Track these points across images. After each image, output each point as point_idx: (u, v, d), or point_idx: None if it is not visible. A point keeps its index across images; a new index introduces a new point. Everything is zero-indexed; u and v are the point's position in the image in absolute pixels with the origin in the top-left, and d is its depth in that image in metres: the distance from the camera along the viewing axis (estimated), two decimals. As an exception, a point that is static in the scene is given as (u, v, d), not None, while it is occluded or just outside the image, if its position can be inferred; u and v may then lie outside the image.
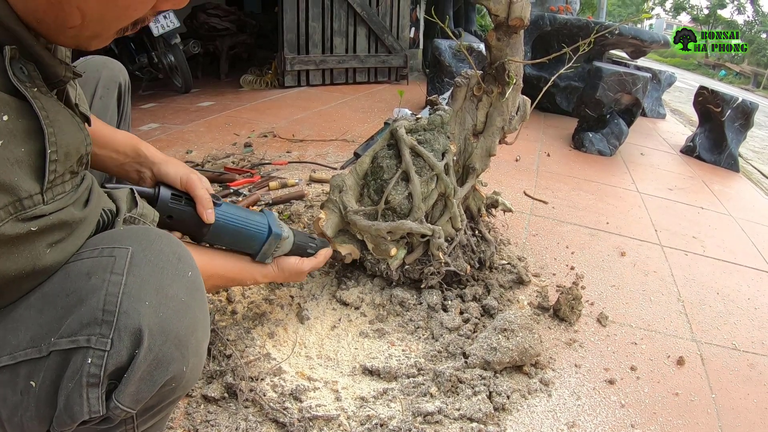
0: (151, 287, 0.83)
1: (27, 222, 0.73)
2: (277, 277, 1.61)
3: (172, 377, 0.86)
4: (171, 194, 1.32)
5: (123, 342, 0.78)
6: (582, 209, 3.51)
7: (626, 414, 1.74)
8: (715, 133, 5.79)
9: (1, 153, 0.70)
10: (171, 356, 0.84)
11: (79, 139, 0.86)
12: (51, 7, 0.75)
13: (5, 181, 0.70)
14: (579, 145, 5.15)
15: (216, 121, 4.72)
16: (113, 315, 0.78)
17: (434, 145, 2.05)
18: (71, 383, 0.78)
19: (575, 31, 6.08)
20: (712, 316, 2.45)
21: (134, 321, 0.79)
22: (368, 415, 1.55)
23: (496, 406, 1.63)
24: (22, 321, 0.81)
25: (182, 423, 1.48)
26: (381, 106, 5.87)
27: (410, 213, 1.99)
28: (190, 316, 0.88)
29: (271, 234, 1.51)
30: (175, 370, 0.85)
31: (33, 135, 0.75)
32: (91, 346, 0.77)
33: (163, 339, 0.82)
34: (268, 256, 1.56)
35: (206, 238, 1.40)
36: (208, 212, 1.32)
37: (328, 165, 3.61)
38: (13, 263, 0.75)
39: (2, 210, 0.70)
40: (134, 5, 0.80)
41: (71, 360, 0.78)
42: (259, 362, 1.71)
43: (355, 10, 6.85)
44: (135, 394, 0.82)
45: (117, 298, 0.79)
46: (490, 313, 2.06)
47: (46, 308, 0.81)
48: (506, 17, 1.93)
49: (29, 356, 0.79)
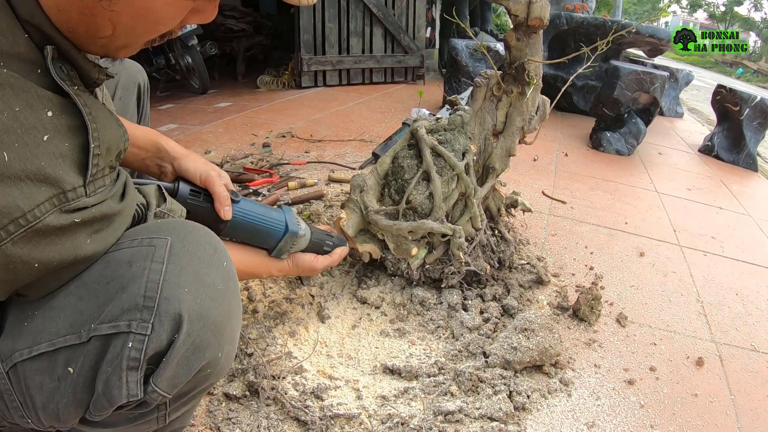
0: (190, 275, 0.86)
1: (70, 213, 0.76)
2: (292, 271, 1.64)
3: (208, 362, 0.88)
4: (190, 190, 1.35)
5: (163, 326, 0.81)
6: (601, 209, 3.50)
7: (646, 414, 1.73)
8: (733, 132, 5.73)
9: (46, 147, 0.72)
10: (208, 342, 0.86)
11: (118, 135, 0.89)
12: (83, 18, 0.77)
13: (50, 174, 0.72)
14: (597, 145, 5.13)
15: (234, 121, 4.75)
16: (154, 301, 0.81)
17: (455, 145, 2.06)
18: (110, 367, 0.80)
19: (592, 30, 6.06)
20: (731, 317, 2.43)
21: (174, 306, 0.82)
22: (389, 414, 1.56)
23: (517, 406, 1.64)
24: (62, 309, 0.83)
25: (204, 421, 1.50)
26: (398, 106, 5.87)
27: (431, 213, 2.00)
28: (226, 303, 0.91)
29: (288, 232, 1.52)
30: (211, 355, 0.88)
31: (76, 131, 0.78)
32: (132, 330, 0.80)
33: (201, 324, 0.85)
34: (284, 252, 1.58)
35: (223, 234, 1.41)
36: (225, 209, 1.35)
37: (347, 165, 3.62)
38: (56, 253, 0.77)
39: (47, 202, 0.72)
40: (164, 21, 0.83)
41: (111, 345, 0.81)
42: (281, 361, 1.73)
43: (372, 10, 6.86)
44: (172, 379, 0.85)
45: (158, 285, 0.82)
46: (510, 313, 2.06)
47: (86, 296, 0.83)
48: (525, 17, 1.94)
49: (69, 342, 0.81)
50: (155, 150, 1.42)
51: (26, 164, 0.70)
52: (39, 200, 0.71)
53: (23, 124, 0.70)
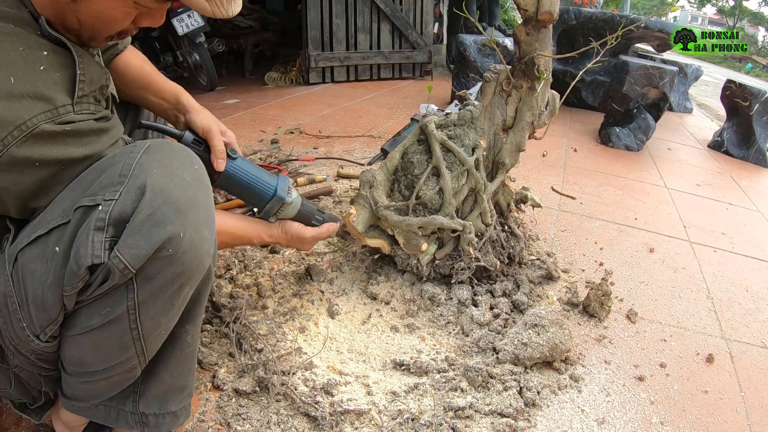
0: (161, 164, 1.00)
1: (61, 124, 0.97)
2: (281, 239, 1.73)
3: (169, 239, 0.95)
4: (193, 139, 1.51)
5: (129, 195, 0.94)
6: (610, 205, 3.49)
7: (656, 411, 1.73)
8: (743, 127, 5.70)
9: (43, 75, 0.96)
10: (168, 217, 0.95)
11: (100, 73, 1.10)
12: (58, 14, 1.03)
13: (45, 94, 0.95)
14: (606, 140, 5.11)
15: (242, 118, 4.75)
16: (126, 177, 0.96)
17: (464, 140, 2.05)
18: (83, 233, 0.94)
19: (600, 25, 6.03)
20: (741, 313, 2.42)
21: (141, 180, 0.95)
22: (399, 410, 1.56)
23: (527, 402, 1.64)
24: (60, 200, 1.01)
25: (214, 416, 1.51)
26: (406, 101, 5.87)
27: (441, 208, 2.00)
28: (191, 193, 1.01)
29: (275, 196, 1.64)
30: (171, 231, 0.95)
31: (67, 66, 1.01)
32: (105, 198, 0.94)
33: (163, 200, 0.95)
34: (270, 215, 1.69)
35: (217, 184, 1.55)
36: (218, 161, 1.50)
37: (356, 161, 3.62)
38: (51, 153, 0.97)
39: (42, 114, 0.94)
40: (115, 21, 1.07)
41: (88, 217, 0.95)
42: (291, 356, 1.73)
43: (379, 6, 6.85)
44: (133, 247, 0.93)
45: (131, 166, 0.97)
46: (520, 309, 2.06)
47: (78, 186, 1.01)
48: (535, 11, 1.93)
49: (59, 222, 0.97)
50: (175, 102, 1.61)
51: (27, 86, 0.93)
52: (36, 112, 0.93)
53: (25, 59, 0.95)
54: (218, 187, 1.58)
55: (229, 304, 1.90)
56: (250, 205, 1.69)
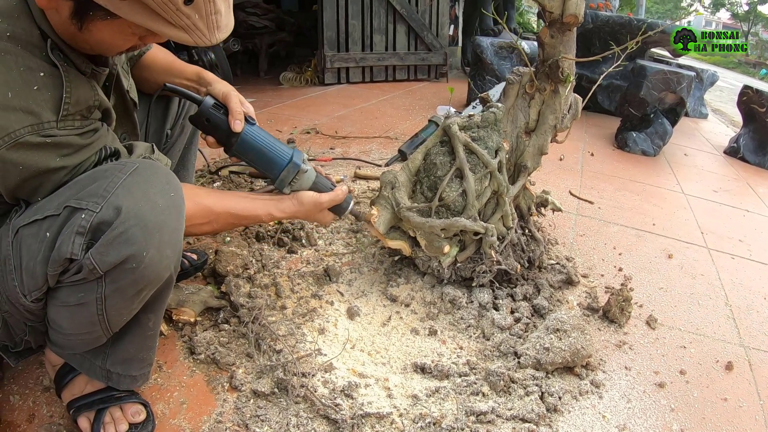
0: (140, 189, 1.16)
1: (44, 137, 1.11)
2: (297, 211, 1.73)
3: (133, 255, 1.12)
4: (213, 103, 1.61)
5: (108, 210, 1.10)
6: (628, 210, 3.47)
7: (676, 418, 1.72)
8: (759, 134, 5.65)
9: (35, 94, 1.10)
10: (135, 237, 1.12)
11: (89, 95, 1.22)
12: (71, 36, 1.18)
13: (35, 110, 1.10)
14: (622, 145, 5.08)
15: (258, 117, 4.66)
16: (108, 194, 1.12)
17: (488, 142, 2.04)
18: (67, 231, 1.11)
19: (617, 29, 6.00)
20: (760, 321, 2.40)
21: (120, 201, 1.11)
22: (421, 413, 1.55)
23: (549, 407, 1.63)
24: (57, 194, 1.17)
25: (232, 417, 1.50)
26: (422, 103, 5.86)
27: (464, 210, 1.99)
28: (162, 218, 1.16)
29: (290, 163, 1.67)
30: (135, 249, 1.12)
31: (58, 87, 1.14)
32: (88, 208, 1.11)
33: (134, 222, 1.11)
34: (285, 185, 1.70)
35: (234, 149, 1.64)
36: (236, 122, 1.60)
37: (373, 162, 3.62)
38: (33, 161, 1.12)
39: (29, 126, 1.09)
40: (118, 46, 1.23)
41: (73, 216, 1.11)
42: (310, 358, 1.73)
43: (395, 7, 6.85)
44: (103, 255, 1.10)
45: (115, 185, 1.13)
46: (541, 313, 2.05)
47: (74, 186, 1.17)
48: (560, 14, 1.93)
49: (52, 213, 1.13)
50: (197, 79, 1.76)
51: (21, 102, 1.08)
52: (25, 124, 1.08)
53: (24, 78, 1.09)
54: (234, 154, 1.66)
55: (247, 304, 1.89)
56: (264, 172, 1.70)
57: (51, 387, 1.55)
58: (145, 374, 1.46)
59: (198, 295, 1.89)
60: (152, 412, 1.49)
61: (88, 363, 1.39)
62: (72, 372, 1.48)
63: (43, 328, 1.34)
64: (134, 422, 1.44)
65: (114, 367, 1.39)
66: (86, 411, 1.44)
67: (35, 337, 1.38)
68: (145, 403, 1.49)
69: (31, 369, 1.64)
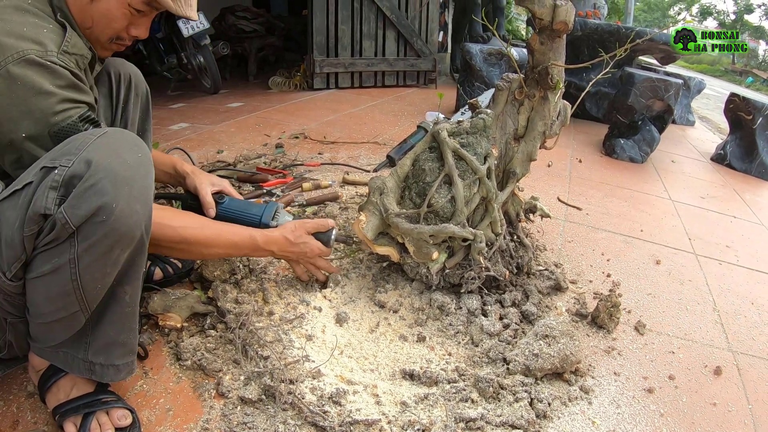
0: (110, 148, 1.24)
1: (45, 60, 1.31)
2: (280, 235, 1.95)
3: (102, 206, 1.17)
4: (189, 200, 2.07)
5: (80, 165, 1.18)
6: (616, 216, 3.48)
7: (665, 423, 1.72)
8: (746, 141, 5.69)
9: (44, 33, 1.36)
10: (105, 189, 1.17)
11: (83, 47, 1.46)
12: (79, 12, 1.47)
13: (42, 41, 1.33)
14: (610, 152, 5.10)
15: (246, 121, 4.75)
16: (80, 151, 1.20)
17: (477, 148, 2.04)
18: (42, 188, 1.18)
19: (606, 37, 6.02)
20: (748, 326, 2.42)
21: (90, 156, 1.19)
22: (410, 420, 1.54)
23: (538, 413, 1.62)
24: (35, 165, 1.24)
25: (218, 425, 1.49)
26: (410, 109, 5.86)
27: (452, 217, 1.99)
28: (130, 173, 1.23)
29: (260, 224, 2.01)
30: (105, 200, 1.17)
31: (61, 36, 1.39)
32: (61, 164, 1.19)
33: (104, 174, 1.18)
34: None
35: None
36: (209, 211, 2.02)
37: (361, 167, 3.61)
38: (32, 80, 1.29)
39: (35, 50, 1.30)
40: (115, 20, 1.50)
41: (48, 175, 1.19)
42: (298, 364, 1.71)
43: (385, 13, 6.85)
44: (74, 207, 1.17)
45: (86, 145, 1.22)
46: (529, 319, 2.04)
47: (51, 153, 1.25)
48: (550, 21, 1.93)
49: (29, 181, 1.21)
50: (174, 173, 2.13)
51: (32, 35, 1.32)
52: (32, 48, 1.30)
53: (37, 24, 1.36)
54: None
55: (234, 309, 1.88)
56: None
57: (35, 393, 1.53)
58: (128, 364, 1.46)
59: (184, 301, 1.87)
60: (138, 419, 1.47)
61: (71, 358, 1.40)
62: (55, 375, 1.48)
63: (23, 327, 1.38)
64: (120, 426, 1.43)
65: (96, 356, 1.40)
66: (72, 416, 1.43)
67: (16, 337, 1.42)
68: (131, 408, 1.48)
69: (15, 375, 1.62)
